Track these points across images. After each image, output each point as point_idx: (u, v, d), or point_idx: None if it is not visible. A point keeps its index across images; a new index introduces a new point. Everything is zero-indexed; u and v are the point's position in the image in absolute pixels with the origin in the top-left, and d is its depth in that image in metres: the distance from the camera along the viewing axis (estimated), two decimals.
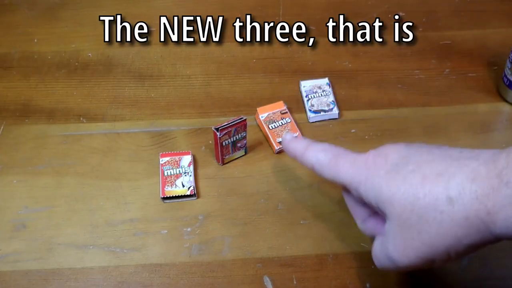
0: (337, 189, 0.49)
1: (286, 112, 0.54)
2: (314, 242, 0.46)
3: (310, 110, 0.54)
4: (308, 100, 0.55)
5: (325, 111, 0.54)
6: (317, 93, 0.55)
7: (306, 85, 0.56)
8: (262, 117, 0.54)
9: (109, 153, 0.52)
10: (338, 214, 0.47)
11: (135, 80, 0.59)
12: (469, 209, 0.31)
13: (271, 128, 0.53)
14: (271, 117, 0.53)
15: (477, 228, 0.31)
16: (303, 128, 0.54)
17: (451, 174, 0.32)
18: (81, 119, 0.55)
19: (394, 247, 0.34)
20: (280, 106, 0.54)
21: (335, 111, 0.54)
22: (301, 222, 0.47)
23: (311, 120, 0.54)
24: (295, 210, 0.48)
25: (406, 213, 0.33)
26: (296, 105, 0.56)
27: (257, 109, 0.54)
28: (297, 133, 0.52)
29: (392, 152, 0.35)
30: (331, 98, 0.55)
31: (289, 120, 0.53)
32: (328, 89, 0.55)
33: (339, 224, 0.47)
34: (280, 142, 0.51)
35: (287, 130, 0.52)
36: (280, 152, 0.52)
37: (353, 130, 0.54)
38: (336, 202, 0.48)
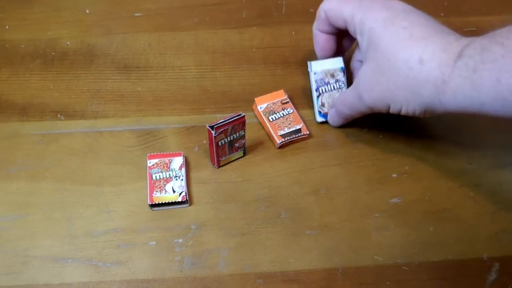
0: (347, 195, 0.49)
1: (288, 102, 0.54)
2: (322, 255, 0.46)
3: (319, 113, 0.54)
4: (318, 97, 0.53)
5: None
6: (330, 84, 0.53)
7: (317, 70, 0.52)
8: (260, 108, 0.54)
9: (90, 155, 0.52)
10: (348, 224, 0.48)
11: (120, 72, 0.59)
12: (432, 74, 0.41)
13: (271, 120, 0.53)
14: (271, 108, 0.54)
15: (431, 93, 0.41)
16: (309, 125, 0.54)
17: (431, 41, 0.42)
18: (59, 116, 0.55)
19: (364, 87, 0.46)
20: (281, 95, 0.55)
21: None
22: (307, 232, 0.47)
23: (318, 121, 0.54)
24: (300, 219, 0.48)
25: (383, 61, 0.44)
26: (301, 99, 0.56)
27: (255, 99, 0.54)
28: (301, 125, 0.52)
29: (396, 2, 0.45)
30: None
31: (291, 111, 0.53)
32: (342, 78, 0.53)
33: (350, 235, 0.47)
34: (282, 135, 0.52)
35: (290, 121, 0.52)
36: (283, 146, 0.52)
37: (365, 129, 0.54)
38: (347, 209, 0.48)
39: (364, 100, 0.47)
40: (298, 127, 0.52)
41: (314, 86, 0.53)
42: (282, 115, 0.53)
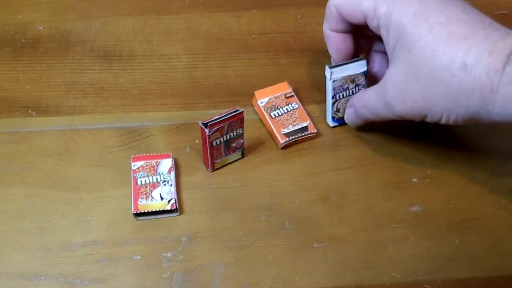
0: (360, 202, 0.49)
1: (292, 96, 0.54)
2: (331, 271, 0.45)
3: (333, 118, 0.53)
4: (334, 103, 0.52)
5: None
6: (348, 90, 0.52)
7: (336, 78, 0.50)
8: (261, 102, 0.53)
9: (66, 156, 0.51)
10: (362, 236, 0.47)
11: (100, 61, 0.58)
12: (478, 81, 0.40)
13: (273, 116, 0.53)
14: (273, 103, 0.53)
15: (477, 103, 0.40)
16: (317, 123, 0.54)
17: (475, 41, 0.40)
18: (30, 112, 0.55)
19: (394, 94, 0.45)
20: (284, 88, 0.54)
21: None
22: (315, 245, 0.47)
23: (331, 125, 0.54)
24: (307, 230, 0.48)
25: (418, 65, 0.42)
26: (308, 93, 0.56)
27: (255, 92, 0.54)
28: (308, 122, 0.52)
29: None
30: None
31: (297, 106, 0.53)
32: (363, 82, 0.51)
33: (364, 248, 0.47)
34: (286, 134, 0.51)
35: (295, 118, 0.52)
36: (286, 146, 0.52)
37: (381, 127, 0.53)
38: (360, 219, 0.48)
39: (393, 109, 0.46)
40: (304, 124, 0.52)
41: (330, 94, 0.52)
42: (286, 111, 0.53)
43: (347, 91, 0.52)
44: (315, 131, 0.52)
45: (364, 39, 0.52)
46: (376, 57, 0.52)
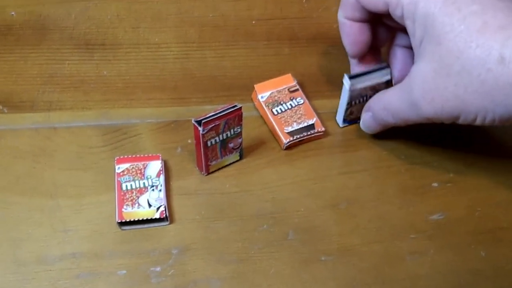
0: (374, 210, 0.49)
1: (297, 90, 0.54)
2: (341, 286, 0.46)
3: (345, 120, 0.53)
4: (348, 108, 0.52)
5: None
6: (367, 96, 0.51)
7: (355, 86, 0.50)
8: (262, 97, 0.54)
9: (41, 158, 0.51)
10: (376, 247, 0.47)
11: (80, 50, 0.58)
12: None
13: (275, 113, 0.53)
14: (276, 97, 0.54)
15: None
16: (325, 120, 0.54)
17: None
18: (1, 108, 0.55)
19: (422, 92, 0.44)
20: (288, 81, 0.55)
21: None
22: (322, 258, 0.47)
23: (341, 126, 0.54)
24: (313, 241, 0.48)
25: (450, 59, 0.42)
26: (315, 86, 0.56)
27: (255, 86, 0.54)
28: (314, 119, 0.52)
29: None
30: None
31: (302, 101, 0.54)
32: (383, 88, 0.51)
33: (378, 262, 0.47)
34: (290, 133, 0.52)
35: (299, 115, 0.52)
36: (290, 147, 0.52)
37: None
38: (374, 229, 0.48)
39: (420, 110, 0.45)
40: (310, 122, 0.52)
41: (346, 100, 0.52)
42: (289, 107, 0.53)
43: (365, 97, 0.51)
44: (323, 129, 0.52)
45: (384, 29, 0.51)
46: (398, 52, 0.51)
